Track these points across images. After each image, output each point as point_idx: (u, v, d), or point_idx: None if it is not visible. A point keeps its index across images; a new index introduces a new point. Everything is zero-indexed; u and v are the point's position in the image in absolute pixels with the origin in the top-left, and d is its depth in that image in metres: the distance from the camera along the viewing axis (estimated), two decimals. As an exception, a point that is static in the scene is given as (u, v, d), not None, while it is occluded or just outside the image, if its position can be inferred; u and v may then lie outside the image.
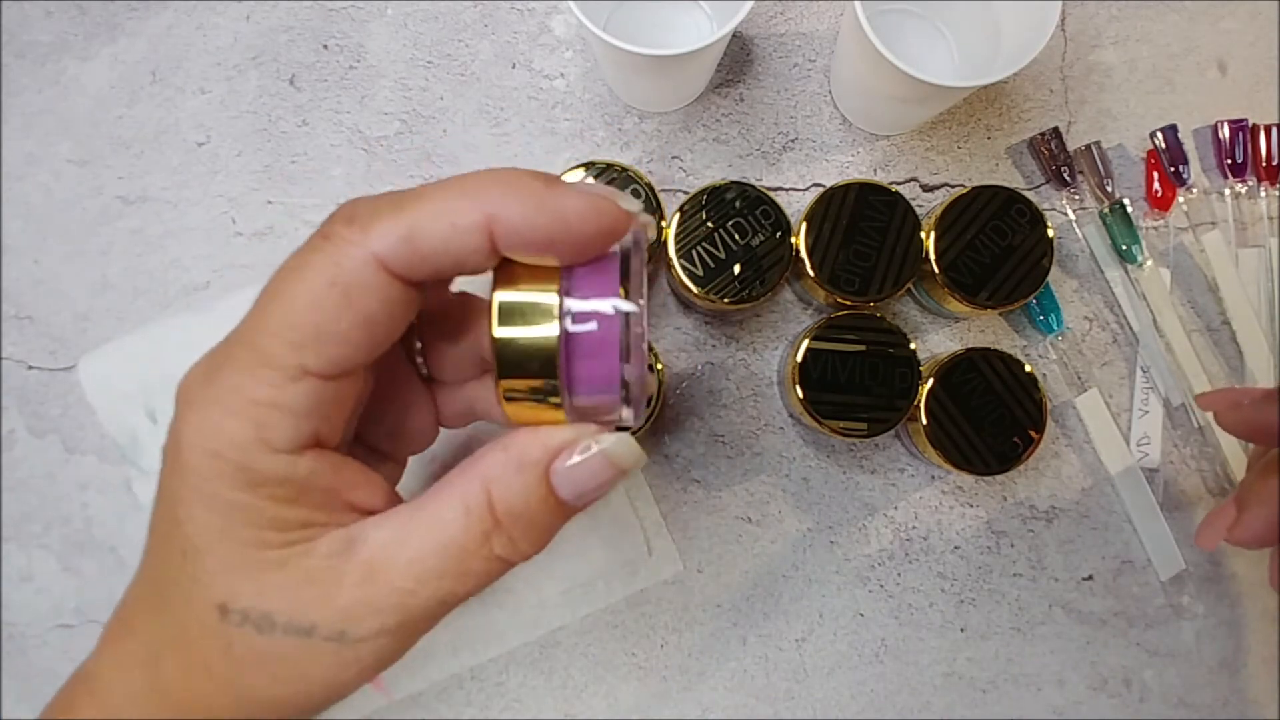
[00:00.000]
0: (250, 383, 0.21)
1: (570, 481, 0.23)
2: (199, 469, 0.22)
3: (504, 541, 0.23)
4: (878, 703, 0.43)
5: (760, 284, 0.39)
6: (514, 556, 0.23)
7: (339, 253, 0.21)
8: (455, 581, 0.22)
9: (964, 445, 0.39)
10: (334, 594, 0.22)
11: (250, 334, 0.22)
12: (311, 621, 0.22)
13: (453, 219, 0.21)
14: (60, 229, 0.44)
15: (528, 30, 0.45)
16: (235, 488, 0.22)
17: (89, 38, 0.45)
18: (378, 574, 0.22)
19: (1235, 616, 0.44)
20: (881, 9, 0.44)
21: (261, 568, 0.22)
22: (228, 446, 0.21)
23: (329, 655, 0.22)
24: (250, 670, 0.22)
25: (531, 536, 0.23)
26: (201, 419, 0.22)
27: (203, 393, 0.22)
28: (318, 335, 0.21)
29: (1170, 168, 0.44)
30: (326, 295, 0.21)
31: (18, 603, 0.43)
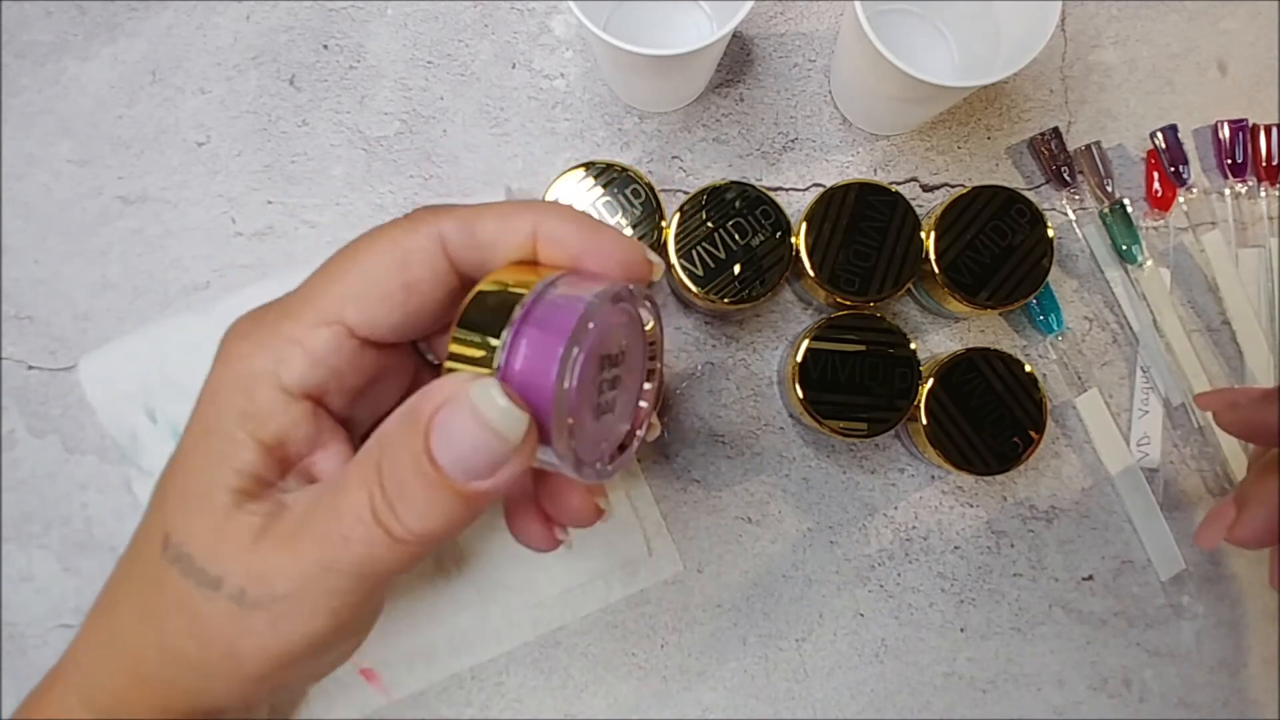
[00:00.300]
0: (286, 321, 0.24)
1: (449, 445, 0.20)
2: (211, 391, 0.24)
3: (386, 509, 0.20)
4: (878, 703, 0.43)
5: (760, 284, 0.39)
6: (395, 528, 0.20)
7: (409, 225, 0.24)
8: (339, 546, 0.21)
9: (964, 445, 0.39)
10: (247, 552, 0.22)
11: (308, 284, 0.24)
12: (220, 573, 0.22)
13: (508, 219, 0.24)
14: (60, 229, 0.44)
15: (528, 30, 0.45)
16: (229, 413, 0.23)
17: (89, 38, 0.45)
18: (289, 541, 0.22)
19: (1235, 616, 0.44)
20: (881, 9, 0.44)
21: (204, 510, 0.23)
22: (247, 374, 0.23)
23: (227, 616, 0.22)
24: (172, 617, 0.23)
25: (414, 509, 0.20)
26: (238, 348, 0.24)
27: (244, 327, 0.25)
28: (366, 287, 0.23)
29: (1170, 168, 0.44)
30: (387, 254, 0.24)
31: (18, 603, 0.43)
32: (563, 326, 0.21)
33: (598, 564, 0.41)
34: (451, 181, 0.44)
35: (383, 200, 0.44)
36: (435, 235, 0.24)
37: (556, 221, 0.24)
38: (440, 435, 0.20)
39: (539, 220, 0.24)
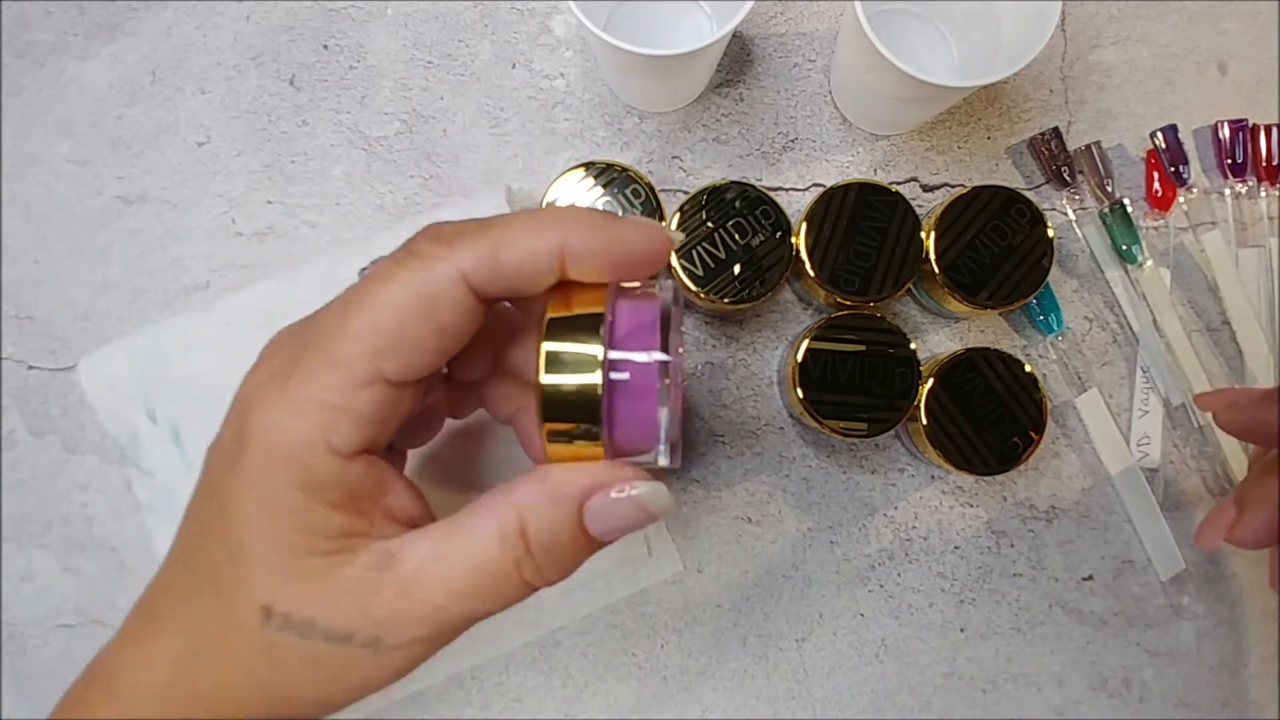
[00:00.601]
0: (322, 386, 0.23)
1: (602, 519, 0.24)
2: (260, 468, 0.23)
3: (533, 569, 0.24)
4: (878, 703, 0.43)
5: (760, 284, 0.39)
6: (539, 583, 0.24)
7: (426, 268, 0.23)
8: (483, 601, 0.24)
9: (964, 445, 0.39)
10: (372, 605, 0.23)
11: (325, 338, 0.23)
12: (349, 630, 0.23)
13: (532, 240, 0.23)
14: (60, 229, 0.44)
15: (528, 30, 0.45)
16: (292, 488, 0.23)
17: (89, 38, 0.45)
18: (413, 589, 0.23)
19: (1235, 616, 0.44)
20: (881, 9, 0.44)
21: (306, 574, 0.23)
22: (293, 447, 0.23)
23: (363, 660, 0.23)
24: (288, 672, 0.23)
25: (559, 567, 0.24)
26: (269, 419, 0.23)
27: (271, 394, 0.23)
28: (398, 342, 0.23)
29: (1170, 168, 0.44)
30: (413, 305, 0.23)
31: (18, 603, 0.43)
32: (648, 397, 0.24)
33: (598, 564, 0.41)
34: (451, 181, 0.44)
35: (383, 200, 0.44)
36: (455, 274, 0.23)
37: (580, 237, 0.24)
38: (597, 515, 0.24)
39: (565, 240, 0.24)
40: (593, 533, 0.24)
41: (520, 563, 0.23)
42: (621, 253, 0.24)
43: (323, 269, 0.41)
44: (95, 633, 0.43)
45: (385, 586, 0.23)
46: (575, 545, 0.24)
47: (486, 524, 0.24)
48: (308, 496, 0.23)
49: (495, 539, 0.23)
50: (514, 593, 0.24)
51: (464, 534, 0.24)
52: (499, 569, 0.23)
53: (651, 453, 0.25)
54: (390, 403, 0.24)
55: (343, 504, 0.23)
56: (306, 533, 0.23)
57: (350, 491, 0.23)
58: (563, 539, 0.24)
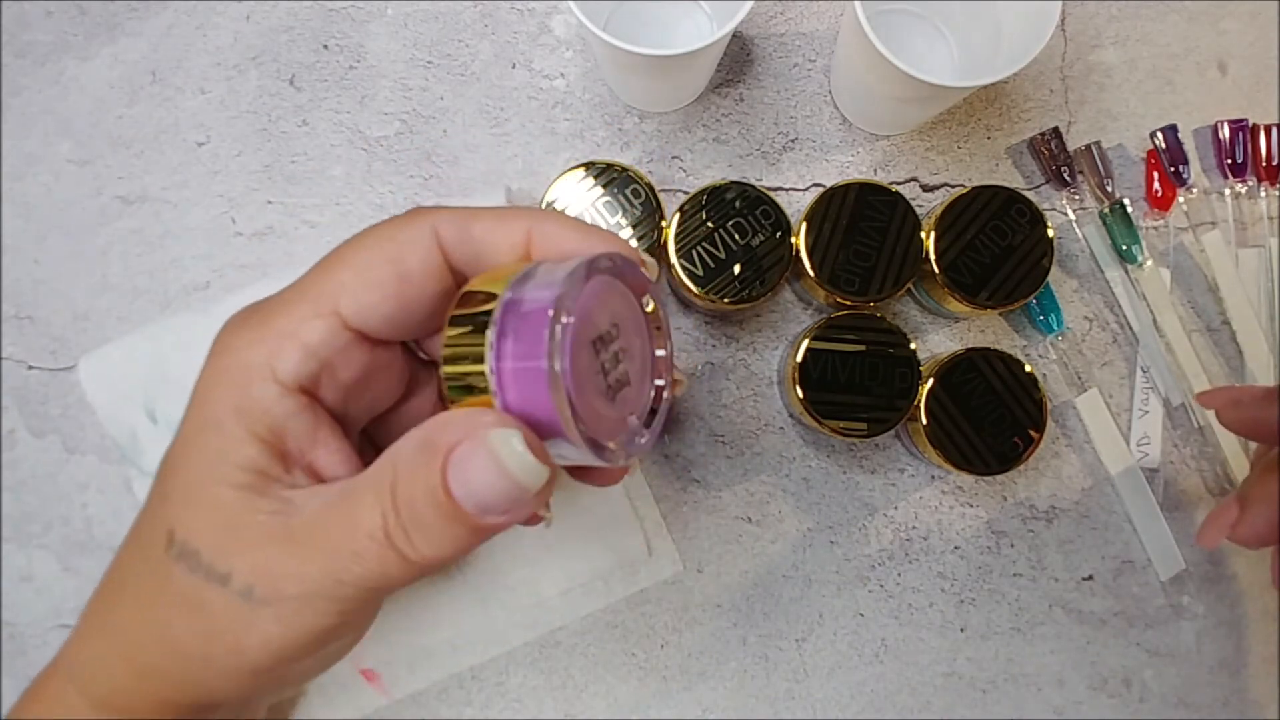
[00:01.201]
0: (281, 314, 0.24)
1: (464, 482, 0.21)
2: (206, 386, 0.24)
3: (401, 534, 0.21)
4: (878, 703, 0.43)
5: (760, 284, 0.39)
6: (409, 552, 0.21)
7: (404, 220, 0.25)
8: (358, 564, 0.21)
9: (964, 445, 0.39)
10: (255, 549, 0.22)
11: (302, 278, 0.24)
12: (229, 569, 0.22)
13: (502, 219, 0.25)
14: (60, 229, 0.44)
15: (528, 30, 0.45)
16: (226, 410, 0.23)
17: (89, 38, 0.45)
18: (294, 541, 0.22)
19: (1235, 616, 0.44)
20: (881, 9, 0.44)
21: (210, 504, 0.23)
22: (238, 366, 0.23)
23: (233, 611, 0.22)
24: (176, 611, 0.23)
25: (427, 536, 0.21)
26: (229, 339, 0.24)
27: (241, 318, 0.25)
28: (360, 277, 0.24)
29: (1170, 168, 0.44)
30: (381, 247, 0.24)
31: (18, 603, 0.43)
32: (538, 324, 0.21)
33: (598, 564, 0.41)
34: (451, 181, 0.44)
35: (383, 200, 0.44)
36: (429, 230, 0.24)
37: (551, 224, 0.25)
38: (457, 472, 0.21)
39: (533, 222, 0.25)
40: (457, 496, 0.21)
41: (389, 524, 0.21)
42: (588, 250, 0.24)
43: None
44: (95, 633, 0.43)
45: (273, 534, 0.22)
46: (440, 511, 0.21)
47: (367, 477, 0.22)
48: (236, 420, 0.23)
49: (370, 491, 0.21)
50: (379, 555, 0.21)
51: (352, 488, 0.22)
52: (370, 528, 0.21)
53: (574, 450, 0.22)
54: (342, 345, 0.24)
55: (267, 437, 0.23)
56: (222, 460, 0.23)
57: (276, 427, 0.23)
58: (421, 498, 0.21)
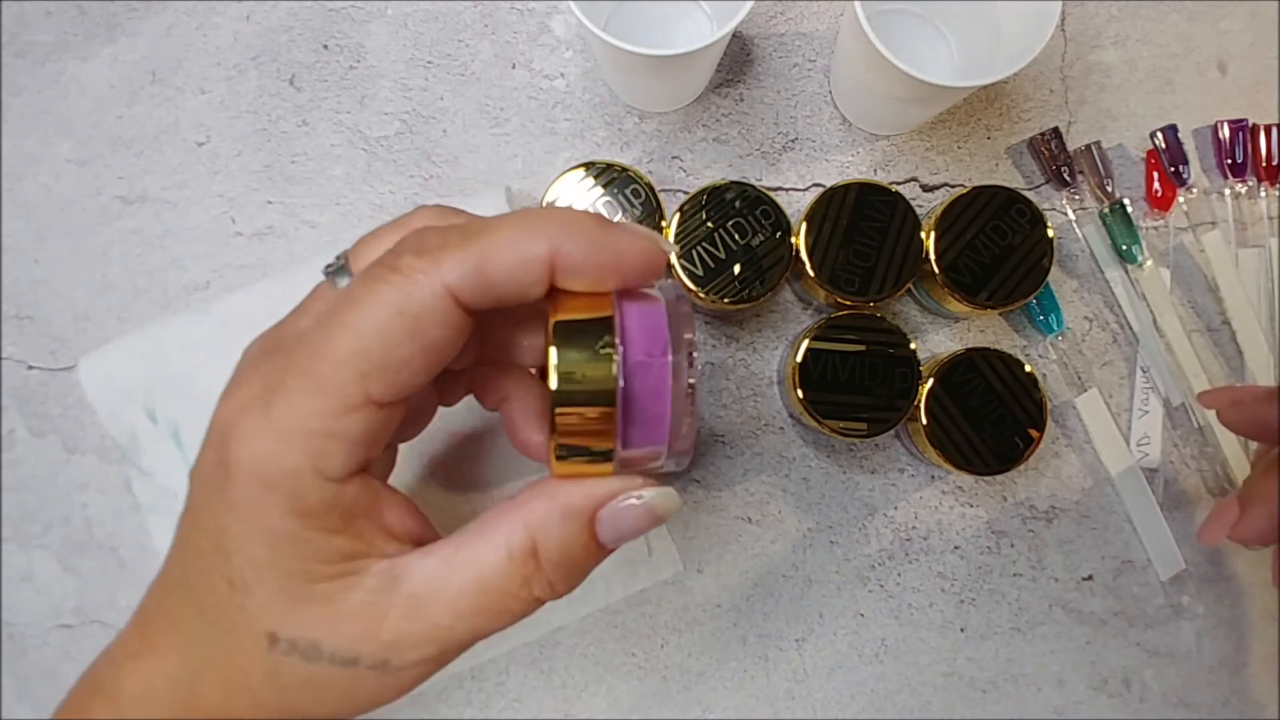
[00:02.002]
0: (308, 413, 0.22)
1: (613, 529, 0.24)
2: (251, 500, 0.22)
3: (543, 584, 0.24)
4: (878, 703, 0.43)
5: (760, 284, 0.39)
6: (549, 597, 0.24)
7: (410, 283, 0.22)
8: (493, 619, 0.24)
9: (964, 445, 0.39)
10: (379, 628, 0.23)
11: (308, 362, 0.22)
12: (357, 653, 0.23)
13: (520, 251, 0.22)
14: (60, 229, 0.44)
15: (528, 30, 0.45)
16: (286, 517, 0.22)
17: (89, 38, 0.45)
18: (420, 610, 0.23)
19: (1235, 616, 0.44)
20: (881, 9, 0.44)
21: (309, 600, 0.23)
22: (282, 477, 0.22)
23: (371, 681, 0.23)
24: (295, 694, 0.23)
25: (570, 579, 0.24)
26: (256, 448, 0.22)
27: (255, 423, 0.22)
28: (385, 364, 0.22)
29: (1170, 168, 0.44)
30: (396, 325, 0.22)
31: (18, 603, 0.43)
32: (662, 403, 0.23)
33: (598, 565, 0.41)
34: (451, 181, 0.44)
35: (383, 200, 0.44)
36: (440, 289, 0.22)
37: (571, 245, 0.23)
38: (607, 525, 0.24)
39: (555, 248, 0.23)
40: (603, 541, 0.24)
41: (530, 580, 0.23)
42: (615, 262, 0.23)
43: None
44: (95, 633, 0.43)
45: (392, 609, 0.23)
46: (587, 556, 0.24)
47: (494, 543, 0.23)
48: (303, 524, 0.22)
49: (504, 559, 0.23)
50: (523, 609, 0.24)
51: (471, 553, 0.24)
52: (508, 587, 0.23)
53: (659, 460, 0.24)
54: (379, 423, 0.23)
55: (339, 527, 0.23)
56: (306, 559, 0.23)
57: (345, 514, 0.23)
58: (575, 553, 0.24)
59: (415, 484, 0.41)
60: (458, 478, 0.41)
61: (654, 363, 0.23)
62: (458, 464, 0.41)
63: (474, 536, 0.24)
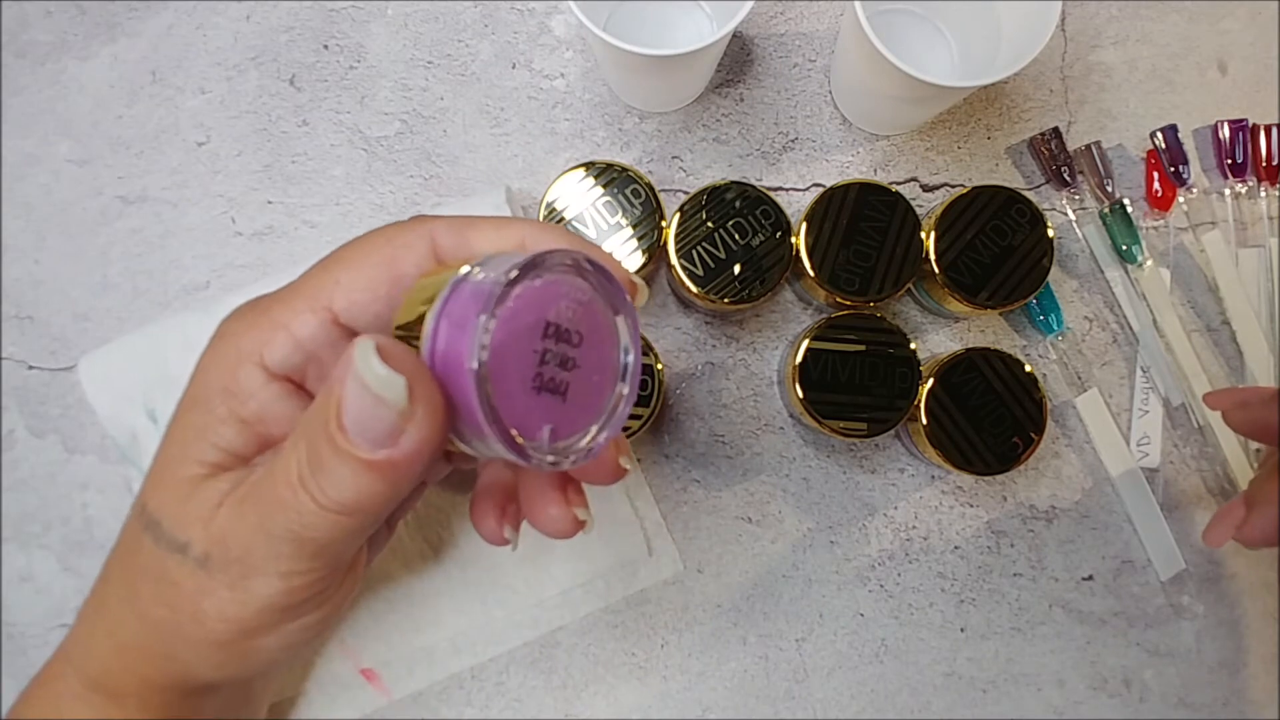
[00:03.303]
0: (276, 306, 0.25)
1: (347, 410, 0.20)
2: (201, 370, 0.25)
3: (308, 475, 0.21)
4: (878, 703, 0.43)
5: (760, 284, 0.39)
6: (318, 495, 0.21)
7: (403, 225, 0.25)
8: (274, 510, 0.21)
9: (964, 445, 0.39)
10: (210, 518, 0.23)
11: (303, 275, 0.25)
12: (187, 538, 0.23)
13: (500, 228, 0.25)
14: (60, 229, 0.44)
15: (528, 30, 0.45)
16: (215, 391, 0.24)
17: (89, 38, 0.45)
18: (245, 505, 0.23)
19: (1235, 616, 0.44)
20: (881, 9, 0.44)
21: (180, 480, 0.24)
22: (233, 351, 0.24)
23: (192, 579, 0.23)
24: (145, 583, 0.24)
25: (330, 477, 0.20)
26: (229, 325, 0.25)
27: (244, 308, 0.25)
28: (352, 278, 0.24)
29: (1170, 168, 0.44)
30: (378, 249, 0.25)
31: (18, 603, 0.43)
32: (479, 295, 0.20)
33: (598, 564, 0.41)
34: (451, 181, 0.44)
35: (383, 200, 0.44)
36: (426, 235, 0.25)
37: (547, 236, 0.25)
38: (344, 403, 0.20)
39: (529, 233, 0.25)
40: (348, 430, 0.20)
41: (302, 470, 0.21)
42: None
43: None
44: (95, 633, 0.43)
45: (227, 503, 0.23)
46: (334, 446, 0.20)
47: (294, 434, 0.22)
48: (221, 400, 0.24)
49: (291, 443, 0.21)
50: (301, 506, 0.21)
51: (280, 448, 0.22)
52: (287, 476, 0.21)
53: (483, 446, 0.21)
54: (331, 339, 0.24)
55: (249, 420, 0.24)
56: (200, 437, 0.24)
57: (259, 410, 0.24)
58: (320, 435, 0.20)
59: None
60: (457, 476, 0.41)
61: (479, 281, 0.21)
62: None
63: None
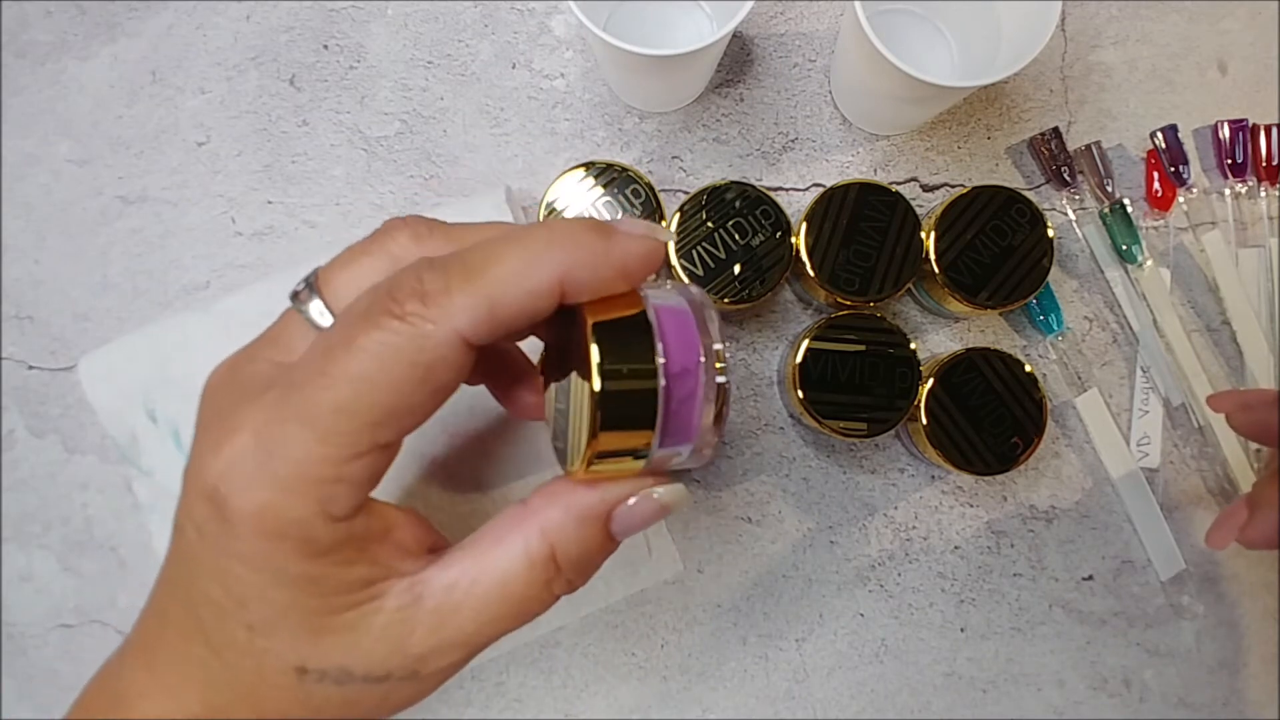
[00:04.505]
0: (314, 462, 0.21)
1: (625, 524, 0.25)
2: (262, 551, 0.22)
3: (563, 583, 0.25)
4: (878, 703, 0.43)
5: (760, 284, 0.39)
6: (569, 592, 0.25)
7: (419, 335, 0.21)
8: (516, 620, 0.25)
9: (964, 445, 0.39)
10: (406, 644, 0.23)
11: (310, 412, 0.21)
12: (387, 670, 0.23)
13: (529, 285, 0.22)
14: (60, 229, 0.44)
15: (528, 30, 0.45)
16: (300, 561, 0.22)
17: (89, 38, 0.45)
18: (445, 622, 0.24)
19: (1235, 616, 0.44)
20: (881, 9, 0.44)
21: (334, 631, 0.23)
22: (291, 526, 0.22)
23: (403, 691, 0.24)
24: (329, 712, 0.24)
25: (586, 574, 0.25)
26: (258, 501, 0.22)
27: (254, 475, 0.22)
28: (395, 413, 0.22)
29: (1170, 168, 0.44)
30: (409, 375, 0.21)
31: (18, 603, 0.43)
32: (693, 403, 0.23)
33: (598, 564, 0.41)
34: (451, 181, 0.44)
35: (383, 200, 0.44)
36: (454, 339, 0.21)
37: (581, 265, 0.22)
38: (620, 523, 0.25)
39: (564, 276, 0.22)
40: (616, 536, 0.25)
41: (551, 582, 0.24)
42: (621, 272, 0.23)
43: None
44: (95, 633, 0.43)
45: (418, 625, 0.23)
46: (603, 553, 0.25)
47: (512, 552, 0.24)
48: (316, 564, 0.22)
49: (524, 566, 0.24)
50: (544, 607, 0.25)
51: (492, 563, 0.24)
52: (530, 591, 0.24)
53: (680, 457, 0.24)
54: (384, 462, 0.23)
55: (354, 558, 0.23)
56: (326, 595, 0.23)
57: (358, 545, 0.23)
58: (592, 552, 0.25)
59: (415, 484, 0.41)
60: (458, 478, 0.41)
61: (689, 371, 0.23)
62: (458, 464, 0.41)
63: (491, 546, 0.24)
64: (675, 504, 0.25)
